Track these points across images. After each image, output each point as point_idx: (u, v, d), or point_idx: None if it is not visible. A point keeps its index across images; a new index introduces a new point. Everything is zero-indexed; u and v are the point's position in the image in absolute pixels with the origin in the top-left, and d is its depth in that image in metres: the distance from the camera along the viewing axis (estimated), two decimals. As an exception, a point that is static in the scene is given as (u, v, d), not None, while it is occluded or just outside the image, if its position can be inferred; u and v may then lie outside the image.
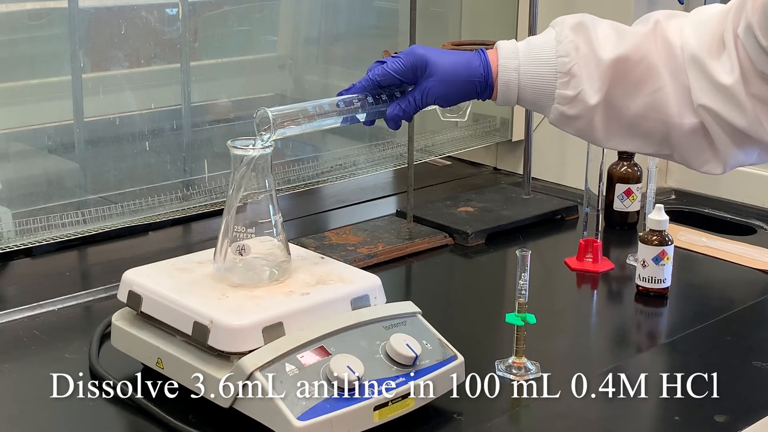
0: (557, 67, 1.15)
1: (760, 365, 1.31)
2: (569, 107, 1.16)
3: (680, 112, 1.13)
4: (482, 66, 1.18)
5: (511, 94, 1.18)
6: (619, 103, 1.14)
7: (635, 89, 1.14)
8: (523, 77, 1.17)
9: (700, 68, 1.11)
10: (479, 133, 2.25)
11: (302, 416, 1.03)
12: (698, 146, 1.15)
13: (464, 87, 1.19)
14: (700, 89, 1.11)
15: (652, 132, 1.16)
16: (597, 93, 1.14)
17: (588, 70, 1.14)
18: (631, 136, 1.17)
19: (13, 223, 1.59)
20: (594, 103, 1.14)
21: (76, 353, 1.30)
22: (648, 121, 1.15)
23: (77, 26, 1.72)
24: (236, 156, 1.16)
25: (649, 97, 1.13)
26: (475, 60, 1.19)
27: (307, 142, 2.21)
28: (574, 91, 1.15)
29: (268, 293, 1.15)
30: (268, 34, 2.18)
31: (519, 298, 1.24)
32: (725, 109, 1.10)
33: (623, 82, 1.14)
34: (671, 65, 1.13)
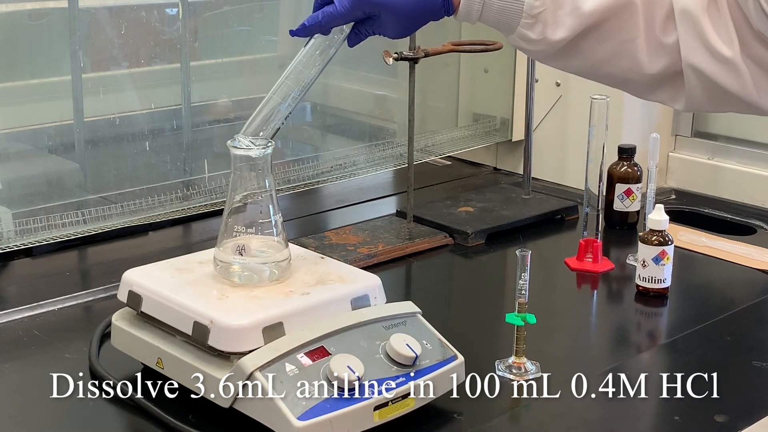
0: (526, 8, 1.11)
1: (760, 365, 1.31)
2: (529, 44, 1.13)
3: (648, 62, 1.10)
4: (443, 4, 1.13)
5: (472, 16, 1.13)
6: (587, 48, 1.12)
7: (607, 36, 1.11)
8: (487, 7, 1.13)
9: (693, 26, 1.07)
10: (479, 133, 2.25)
11: (302, 416, 1.03)
12: (661, 87, 1.12)
13: (422, 19, 1.14)
14: (692, 49, 1.07)
15: (613, 74, 1.13)
16: (562, 38, 1.11)
17: (559, 14, 1.10)
18: (589, 74, 1.16)
19: (13, 223, 1.59)
20: (556, 50, 1.12)
21: (76, 353, 1.30)
22: (611, 65, 1.12)
23: (77, 26, 1.72)
24: (236, 156, 1.16)
25: (620, 46, 1.11)
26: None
27: (307, 142, 2.21)
28: (537, 35, 1.12)
29: (268, 293, 1.15)
30: (268, 34, 2.18)
31: (519, 298, 1.24)
32: (719, 74, 1.07)
33: (596, 29, 1.11)
34: (651, 14, 1.10)
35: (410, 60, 1.71)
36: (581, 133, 1.71)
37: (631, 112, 2.05)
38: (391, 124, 2.23)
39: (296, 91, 1.19)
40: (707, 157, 2.13)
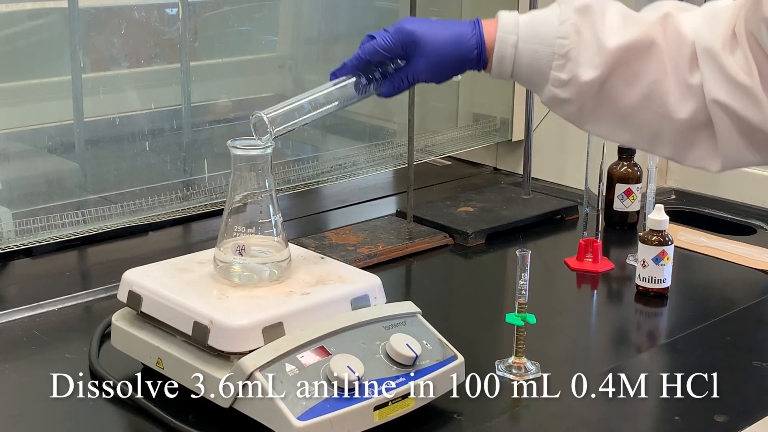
0: (555, 49, 1.12)
1: (760, 365, 1.31)
2: (562, 90, 1.13)
3: (678, 106, 1.10)
4: (476, 42, 1.15)
5: (506, 69, 1.15)
6: (616, 91, 1.12)
7: (635, 78, 1.11)
8: (520, 54, 1.14)
9: (715, 62, 1.08)
10: (479, 133, 2.25)
11: (302, 416, 1.03)
12: (694, 141, 1.12)
13: (456, 65, 1.16)
14: (715, 83, 1.08)
15: (644, 125, 1.13)
16: (593, 76, 1.11)
17: (587, 55, 1.11)
18: (621, 127, 1.15)
19: (13, 223, 1.59)
20: (588, 87, 1.12)
21: (76, 353, 1.30)
22: (642, 112, 1.12)
23: (77, 26, 1.72)
24: (236, 156, 1.16)
25: (648, 87, 1.11)
26: (468, 34, 1.15)
27: (307, 142, 2.21)
28: (568, 75, 1.12)
29: (268, 293, 1.15)
30: (268, 34, 2.18)
31: (519, 298, 1.24)
32: (741, 105, 1.07)
33: (623, 71, 1.11)
34: (677, 56, 1.11)
35: (410, 60, 1.70)
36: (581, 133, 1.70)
37: (631, 112, 2.05)
38: (391, 124, 2.23)
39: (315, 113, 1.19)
40: (707, 157, 2.13)
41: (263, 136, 1.16)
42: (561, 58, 1.12)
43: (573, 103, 1.14)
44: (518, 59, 1.14)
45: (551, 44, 1.12)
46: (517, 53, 1.14)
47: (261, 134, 1.16)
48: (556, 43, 1.12)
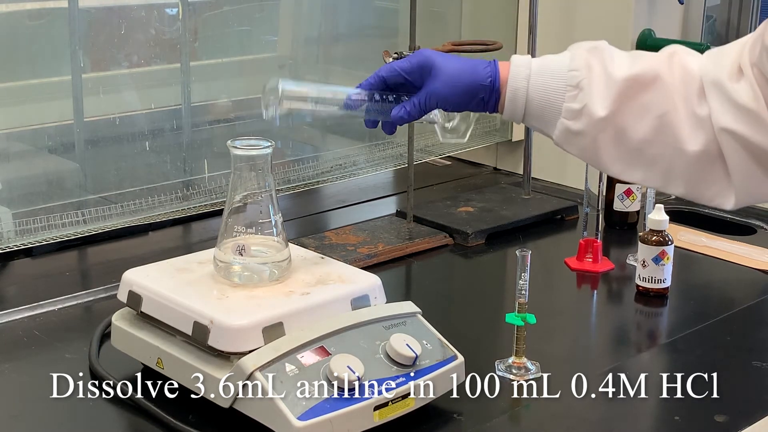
0: (567, 80, 1.15)
1: (760, 365, 1.31)
2: (574, 122, 1.14)
3: (689, 138, 1.11)
4: (490, 72, 1.17)
5: (518, 105, 1.17)
6: (627, 123, 1.13)
7: (644, 110, 1.13)
8: (532, 88, 1.16)
9: (721, 91, 1.10)
10: (479, 133, 2.25)
11: (302, 416, 1.03)
12: (707, 176, 1.13)
13: (469, 90, 1.18)
14: (722, 112, 1.10)
15: (657, 159, 1.14)
16: (604, 108, 1.13)
17: (598, 86, 1.13)
18: (635, 163, 1.15)
19: (13, 223, 1.59)
20: (600, 118, 1.13)
21: (76, 353, 1.30)
22: (654, 146, 1.13)
23: (77, 26, 1.71)
24: (236, 156, 1.16)
25: (658, 120, 1.12)
26: (483, 65, 1.18)
27: (307, 142, 2.21)
28: (580, 104, 1.14)
29: (268, 293, 1.15)
30: (268, 34, 2.18)
31: (519, 298, 1.24)
32: (749, 130, 1.08)
33: (633, 102, 1.13)
34: (684, 90, 1.12)
35: (410, 60, 1.70)
36: (581, 133, 1.71)
37: (631, 112, 2.05)
38: (391, 124, 2.22)
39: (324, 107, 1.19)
40: (707, 157, 2.13)
41: (268, 105, 1.15)
42: (573, 89, 1.14)
43: (586, 135, 1.15)
44: (530, 92, 1.16)
45: (563, 77, 1.15)
46: (530, 86, 1.16)
47: (266, 102, 1.15)
48: (568, 76, 1.15)
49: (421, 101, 1.19)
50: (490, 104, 1.18)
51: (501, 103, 1.18)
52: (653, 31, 2.04)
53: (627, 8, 2.00)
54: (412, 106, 1.19)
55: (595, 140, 1.14)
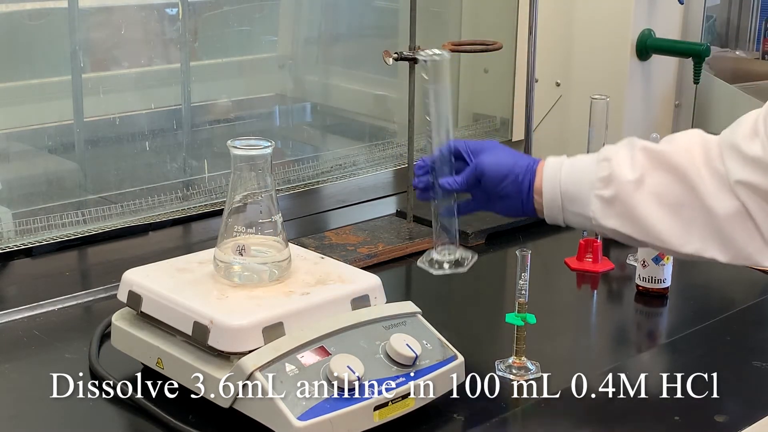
0: (596, 157, 1.23)
1: (760, 365, 1.31)
2: (606, 189, 1.20)
3: (714, 199, 1.16)
4: (530, 159, 1.28)
5: (555, 187, 1.24)
6: (657, 185, 1.18)
7: (672, 173, 1.18)
8: (565, 171, 1.24)
9: (735, 150, 1.16)
10: (479, 133, 2.25)
11: (302, 416, 1.03)
12: (739, 235, 1.16)
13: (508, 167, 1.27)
14: (735, 167, 1.15)
15: (694, 219, 1.17)
16: (633, 172, 1.19)
17: (624, 155, 1.21)
18: (676, 222, 1.18)
19: (13, 223, 1.59)
20: (629, 180, 1.19)
21: (76, 353, 1.30)
22: (687, 208, 1.17)
23: (77, 26, 1.72)
24: (236, 156, 1.16)
25: (685, 182, 1.17)
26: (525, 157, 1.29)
27: (307, 142, 2.21)
28: (608, 171, 1.20)
29: (268, 293, 1.15)
30: (268, 34, 2.18)
31: (519, 298, 1.24)
32: (762, 179, 1.13)
33: (659, 165, 1.19)
34: (704, 155, 1.18)
35: (410, 60, 1.71)
36: (581, 133, 1.71)
37: (631, 112, 2.05)
38: (391, 124, 2.23)
39: None
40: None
41: None
42: (603, 161, 1.22)
43: (619, 201, 1.20)
44: (563, 175, 1.24)
45: (593, 156, 1.24)
46: (563, 170, 1.25)
47: None
48: (597, 155, 1.24)
49: (468, 170, 1.30)
50: (526, 182, 1.26)
51: (536, 187, 1.26)
52: (653, 31, 2.04)
53: (627, 8, 2.00)
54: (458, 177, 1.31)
55: (630, 204, 1.19)
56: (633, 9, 2.00)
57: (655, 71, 2.09)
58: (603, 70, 2.06)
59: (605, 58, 2.05)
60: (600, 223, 1.22)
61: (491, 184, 1.28)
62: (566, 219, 1.26)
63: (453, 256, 1.53)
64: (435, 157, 1.31)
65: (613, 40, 2.04)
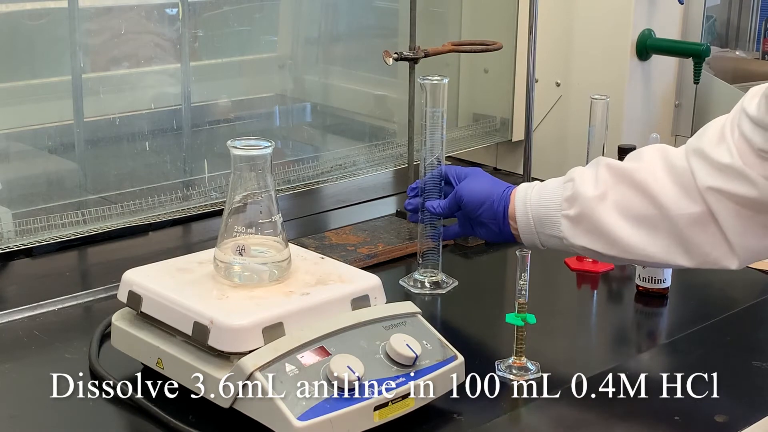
0: (563, 178, 1.28)
1: (760, 365, 1.31)
2: (571, 208, 1.24)
3: (678, 204, 1.18)
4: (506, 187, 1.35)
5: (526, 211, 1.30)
6: (619, 198, 1.22)
7: (633, 185, 1.21)
8: (534, 193, 1.30)
9: (701, 156, 1.18)
10: (479, 133, 2.25)
11: (302, 416, 1.03)
12: (710, 237, 1.19)
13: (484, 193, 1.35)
14: (704, 174, 1.17)
15: (658, 228, 1.20)
16: (595, 188, 1.23)
17: (588, 173, 1.25)
18: (640, 231, 1.21)
19: (13, 223, 1.59)
20: (592, 195, 1.22)
21: (76, 353, 1.30)
22: (650, 218, 1.20)
23: (77, 26, 1.72)
24: (236, 156, 1.16)
25: (646, 192, 1.20)
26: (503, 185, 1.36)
27: (307, 142, 2.21)
28: (571, 190, 1.25)
29: (268, 293, 1.15)
30: (268, 34, 2.18)
31: (519, 298, 1.24)
32: (732, 185, 1.15)
33: (621, 179, 1.22)
34: (665, 164, 1.21)
35: (410, 60, 1.71)
36: (581, 133, 1.71)
37: (631, 112, 2.05)
38: (391, 124, 2.23)
39: None
40: (707, 157, 2.13)
41: None
42: (567, 181, 1.27)
43: (585, 217, 1.24)
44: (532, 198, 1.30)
45: (559, 180, 1.29)
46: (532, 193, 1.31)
47: None
48: (565, 176, 1.28)
49: (450, 196, 1.40)
50: (500, 209, 1.33)
51: (510, 213, 1.32)
52: (653, 31, 2.04)
53: (627, 8, 2.00)
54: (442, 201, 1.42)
55: (595, 219, 1.23)
56: (633, 9, 2.00)
57: (655, 71, 2.09)
58: (603, 70, 2.06)
59: (605, 58, 2.05)
60: (571, 242, 1.26)
61: (470, 210, 1.36)
62: (542, 242, 1.31)
63: (434, 278, 1.54)
64: (426, 180, 1.42)
65: (613, 40, 2.04)
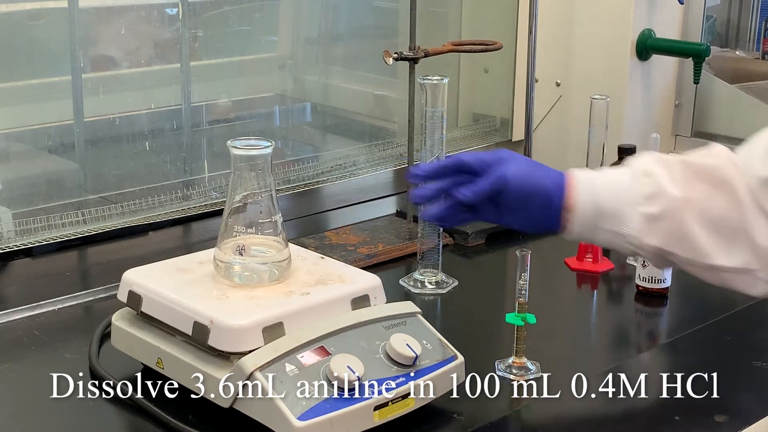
0: (630, 171, 1.15)
1: (760, 365, 1.31)
2: (652, 206, 1.13)
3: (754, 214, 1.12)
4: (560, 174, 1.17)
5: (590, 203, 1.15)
6: (703, 202, 1.13)
7: (714, 188, 1.13)
8: (601, 185, 1.16)
9: None
10: (479, 133, 2.25)
11: (302, 416, 1.03)
12: None
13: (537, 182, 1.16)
14: None
15: (737, 234, 1.13)
16: (677, 187, 1.13)
17: (664, 169, 1.14)
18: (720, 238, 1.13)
19: (13, 223, 1.59)
20: (677, 196, 1.13)
21: (76, 353, 1.30)
22: (732, 222, 1.13)
23: (77, 26, 1.72)
24: (236, 156, 1.16)
25: (732, 197, 1.13)
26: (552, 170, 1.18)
27: (307, 142, 2.21)
28: (652, 186, 1.13)
29: (268, 293, 1.15)
30: (268, 34, 2.18)
31: (519, 298, 1.24)
32: None
33: (701, 182, 1.13)
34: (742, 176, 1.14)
35: (410, 60, 1.71)
36: (581, 133, 1.71)
37: (631, 112, 2.05)
38: (391, 124, 2.23)
39: None
40: (707, 157, 2.13)
41: None
42: (643, 175, 1.14)
43: (667, 217, 1.13)
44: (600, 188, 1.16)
45: (629, 171, 1.16)
46: (598, 184, 1.16)
47: None
48: (634, 166, 1.16)
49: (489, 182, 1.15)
50: (555, 201, 1.15)
51: (567, 204, 1.15)
52: (653, 31, 2.04)
53: (627, 8, 2.00)
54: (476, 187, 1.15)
55: (680, 221, 1.13)
56: (633, 9, 2.00)
57: (655, 71, 2.09)
58: (603, 70, 2.06)
59: (605, 58, 2.05)
60: (640, 241, 1.15)
61: (515, 199, 1.16)
62: (595, 237, 1.17)
63: (434, 278, 1.54)
64: (437, 167, 1.20)
65: (613, 40, 2.04)
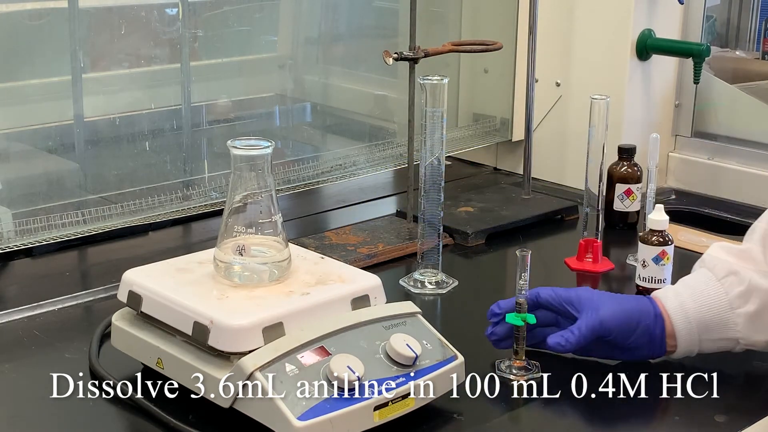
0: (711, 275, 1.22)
1: (760, 365, 1.31)
2: (749, 304, 1.20)
3: None
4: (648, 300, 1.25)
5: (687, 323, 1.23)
6: None
7: None
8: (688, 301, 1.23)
9: None
10: (479, 133, 2.25)
11: (302, 416, 1.03)
12: None
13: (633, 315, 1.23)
14: None
15: None
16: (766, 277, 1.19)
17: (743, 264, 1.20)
18: None
19: (13, 223, 1.59)
20: None
21: (76, 353, 1.30)
22: None
23: (77, 26, 1.72)
24: (236, 156, 1.16)
25: None
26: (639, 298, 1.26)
27: (307, 142, 2.21)
28: (742, 285, 1.19)
29: (268, 293, 1.15)
30: (268, 34, 2.18)
31: (519, 298, 1.24)
32: None
33: None
34: None
35: (410, 60, 1.71)
36: (581, 133, 1.71)
37: (631, 112, 2.05)
38: (391, 124, 2.23)
39: None
40: (707, 157, 2.13)
41: None
42: (727, 275, 1.22)
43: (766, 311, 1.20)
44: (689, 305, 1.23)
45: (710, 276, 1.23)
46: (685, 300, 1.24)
47: None
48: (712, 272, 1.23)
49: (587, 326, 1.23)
50: (657, 330, 1.23)
51: (668, 331, 1.24)
52: (653, 31, 2.04)
53: (627, 8, 2.00)
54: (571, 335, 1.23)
55: None
56: (633, 9, 2.00)
57: (655, 71, 2.09)
58: (603, 70, 2.06)
59: (605, 58, 2.05)
60: (751, 340, 1.23)
61: (619, 340, 1.24)
62: (704, 348, 1.25)
63: (434, 278, 1.54)
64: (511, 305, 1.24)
65: (613, 40, 2.04)
